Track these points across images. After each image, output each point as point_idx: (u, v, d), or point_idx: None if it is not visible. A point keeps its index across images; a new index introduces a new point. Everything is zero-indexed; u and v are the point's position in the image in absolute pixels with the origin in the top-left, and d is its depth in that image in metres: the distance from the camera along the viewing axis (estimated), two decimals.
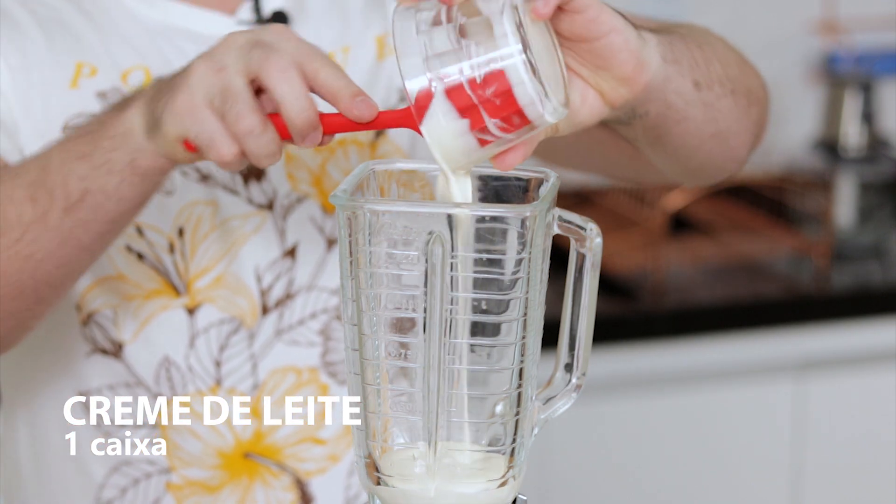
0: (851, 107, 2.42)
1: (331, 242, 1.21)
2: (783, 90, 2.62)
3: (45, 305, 1.09)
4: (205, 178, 1.18)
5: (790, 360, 2.15)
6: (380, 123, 0.92)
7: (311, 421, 1.21)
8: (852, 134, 2.42)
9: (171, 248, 1.17)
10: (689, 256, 2.30)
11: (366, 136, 1.22)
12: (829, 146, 2.42)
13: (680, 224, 2.36)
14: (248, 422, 1.20)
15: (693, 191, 2.29)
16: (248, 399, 1.20)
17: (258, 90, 0.93)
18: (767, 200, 2.43)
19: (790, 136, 2.61)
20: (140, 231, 1.17)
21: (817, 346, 2.16)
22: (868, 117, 2.42)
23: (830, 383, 2.18)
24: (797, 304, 2.16)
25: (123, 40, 1.19)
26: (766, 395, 2.15)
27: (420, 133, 0.88)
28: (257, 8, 1.22)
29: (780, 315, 2.14)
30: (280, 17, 1.22)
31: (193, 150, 0.96)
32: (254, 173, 1.20)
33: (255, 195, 1.20)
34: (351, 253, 0.84)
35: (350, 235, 0.84)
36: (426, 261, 0.82)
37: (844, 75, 2.46)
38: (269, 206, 1.20)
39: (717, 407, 2.14)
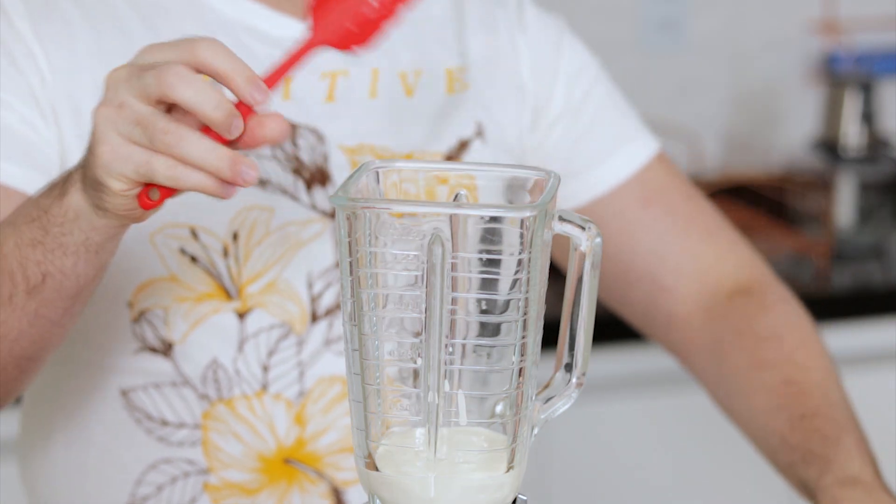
0: (851, 107, 2.42)
1: None
2: (783, 90, 2.63)
3: (31, 372, 1.10)
4: (263, 182, 1.18)
5: None
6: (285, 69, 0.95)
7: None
8: (852, 134, 2.42)
9: (225, 252, 1.17)
10: None
11: (432, 157, 1.24)
12: (829, 146, 2.42)
13: None
14: (291, 428, 1.20)
15: None
16: (293, 405, 1.20)
17: (168, 110, 0.92)
18: (767, 200, 2.43)
19: (790, 136, 2.61)
20: (195, 234, 1.17)
21: None
22: (868, 117, 2.42)
23: None
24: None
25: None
26: None
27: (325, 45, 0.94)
28: None
29: None
30: None
31: (149, 202, 0.94)
32: (318, 179, 1.20)
33: (318, 201, 1.20)
34: (351, 253, 0.84)
35: (350, 235, 0.84)
36: (426, 261, 0.82)
37: (844, 75, 2.46)
38: (332, 215, 1.19)
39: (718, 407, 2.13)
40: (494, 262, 0.83)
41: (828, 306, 2.17)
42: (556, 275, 0.88)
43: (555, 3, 2.53)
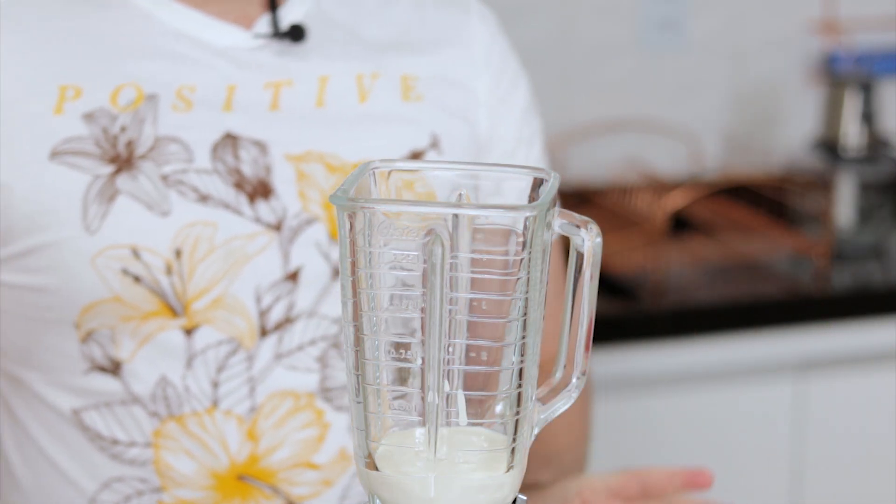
0: (851, 107, 2.42)
1: (337, 271, 1.20)
2: (783, 90, 2.63)
3: None
4: (204, 198, 1.17)
5: (790, 360, 2.15)
6: None
7: (306, 446, 1.21)
8: (852, 134, 2.42)
9: (169, 270, 1.16)
10: (689, 256, 2.30)
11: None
12: (829, 146, 2.43)
13: (680, 224, 2.36)
14: (243, 444, 1.19)
15: (693, 191, 2.29)
16: (244, 421, 1.19)
17: None
18: (767, 200, 2.43)
19: (790, 136, 2.61)
20: (136, 254, 1.16)
21: (817, 346, 2.16)
22: (868, 117, 2.42)
23: (830, 383, 2.18)
24: (797, 304, 2.17)
25: (117, 54, 1.19)
26: (766, 395, 2.15)
27: None
28: (275, 22, 1.22)
29: (780, 315, 2.14)
30: (297, 31, 1.22)
31: None
32: (260, 192, 1.19)
33: (262, 214, 1.18)
34: (351, 253, 0.84)
35: (350, 235, 0.84)
36: (426, 261, 0.82)
37: (844, 75, 2.46)
38: (277, 227, 1.19)
39: (717, 407, 2.14)
40: (494, 263, 0.83)
41: (828, 306, 2.17)
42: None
43: (555, 3, 2.54)
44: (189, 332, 1.17)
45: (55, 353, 1.19)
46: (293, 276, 1.19)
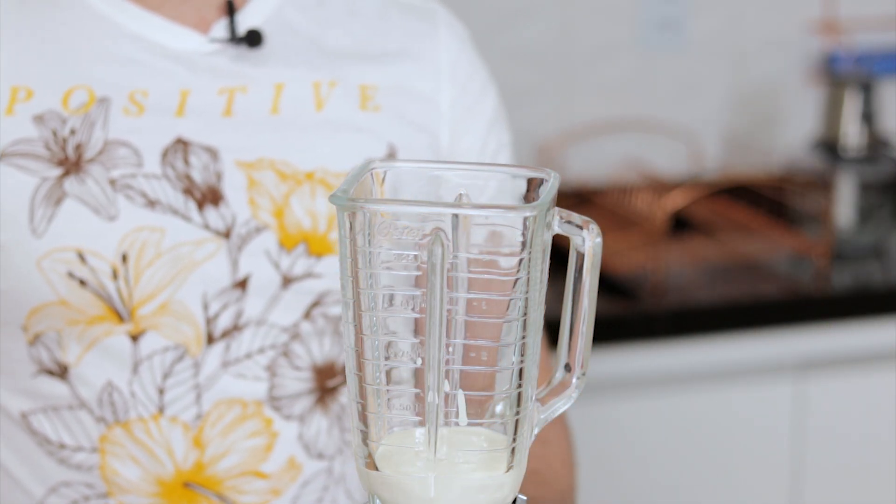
0: (851, 107, 2.42)
1: (287, 280, 1.19)
2: (783, 90, 2.63)
3: None
4: (152, 203, 1.16)
5: (790, 360, 2.15)
6: None
7: (254, 454, 1.20)
8: (852, 134, 2.42)
9: (115, 275, 1.15)
10: (689, 256, 2.30)
11: (336, 179, 1.21)
12: (829, 146, 2.43)
13: (680, 224, 2.36)
14: (189, 451, 1.19)
15: (693, 191, 2.29)
16: (190, 428, 1.18)
17: None
18: (767, 200, 2.43)
19: (790, 136, 2.61)
20: (82, 257, 1.15)
21: (817, 346, 2.16)
22: (868, 117, 2.42)
23: (830, 383, 2.18)
24: (797, 304, 2.17)
25: (70, 56, 1.18)
26: (766, 395, 2.15)
27: None
28: (232, 27, 1.21)
29: (780, 315, 2.14)
30: (254, 37, 1.21)
31: None
32: (209, 198, 1.18)
33: (211, 221, 1.17)
34: (351, 253, 0.84)
35: (350, 235, 0.84)
36: (426, 261, 0.82)
37: (844, 75, 2.46)
38: (227, 234, 1.17)
39: (717, 407, 2.14)
40: (494, 263, 0.83)
41: (828, 306, 2.17)
42: (556, 275, 0.88)
43: (555, 4, 2.54)
44: (135, 337, 1.17)
45: (4, 356, 1.19)
46: (242, 284, 1.18)
